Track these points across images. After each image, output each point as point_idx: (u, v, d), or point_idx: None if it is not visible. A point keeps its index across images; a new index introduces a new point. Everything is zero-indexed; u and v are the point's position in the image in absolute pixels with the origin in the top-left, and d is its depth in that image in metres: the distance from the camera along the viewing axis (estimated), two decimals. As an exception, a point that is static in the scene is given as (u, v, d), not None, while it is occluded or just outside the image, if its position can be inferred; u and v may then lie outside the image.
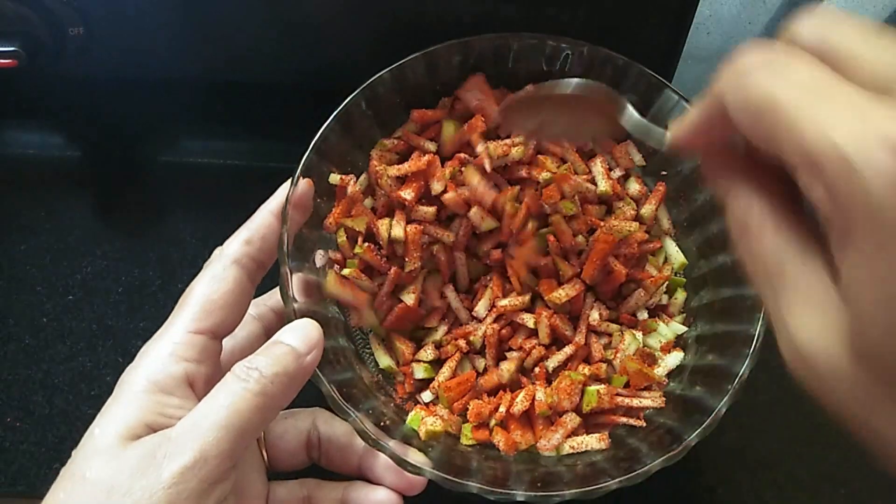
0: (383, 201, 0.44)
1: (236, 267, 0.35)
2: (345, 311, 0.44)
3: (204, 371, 0.33)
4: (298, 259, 0.39)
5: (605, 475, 0.35)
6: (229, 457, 0.29)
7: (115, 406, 0.31)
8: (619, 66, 0.44)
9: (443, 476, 0.34)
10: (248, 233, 0.37)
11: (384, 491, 0.38)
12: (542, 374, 0.42)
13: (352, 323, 0.44)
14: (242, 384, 0.31)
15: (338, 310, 0.43)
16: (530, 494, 0.34)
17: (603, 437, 0.40)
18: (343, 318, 0.44)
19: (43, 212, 0.53)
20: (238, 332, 0.37)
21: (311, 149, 0.40)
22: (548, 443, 0.40)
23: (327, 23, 0.50)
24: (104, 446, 0.29)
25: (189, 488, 0.28)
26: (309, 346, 0.33)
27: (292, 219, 0.38)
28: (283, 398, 0.32)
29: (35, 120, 0.58)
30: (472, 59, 0.45)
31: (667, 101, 0.43)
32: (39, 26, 0.46)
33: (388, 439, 0.35)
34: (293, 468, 0.40)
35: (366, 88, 0.42)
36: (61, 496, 0.29)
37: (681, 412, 0.39)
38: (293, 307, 0.36)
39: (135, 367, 0.33)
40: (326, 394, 0.35)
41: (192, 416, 0.30)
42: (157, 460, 0.28)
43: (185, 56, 0.53)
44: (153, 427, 0.30)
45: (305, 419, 0.39)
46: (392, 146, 0.45)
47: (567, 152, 0.46)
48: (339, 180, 0.42)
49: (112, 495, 0.28)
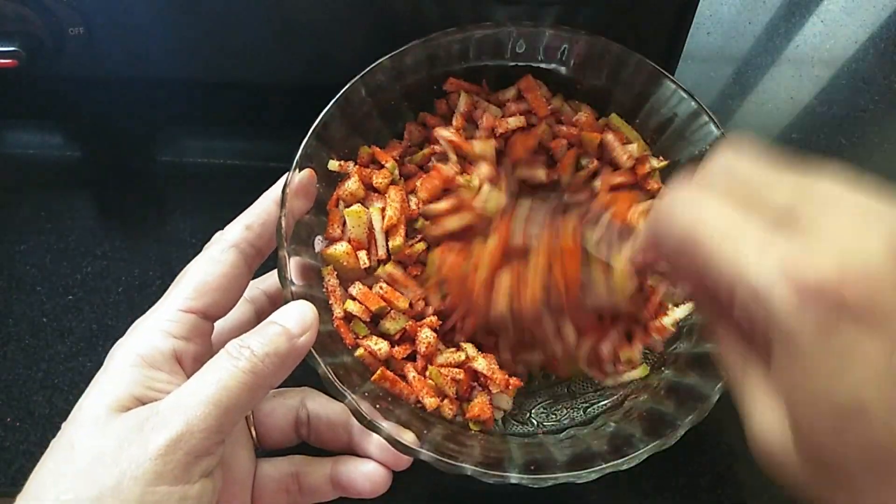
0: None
1: (234, 251, 0.36)
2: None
3: (192, 349, 0.34)
4: (297, 243, 0.39)
5: (598, 459, 0.35)
6: (216, 431, 0.29)
7: (104, 379, 0.32)
8: (617, 55, 0.44)
9: (437, 458, 0.34)
10: (248, 218, 0.37)
11: (373, 464, 0.38)
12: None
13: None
14: (233, 362, 0.31)
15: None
16: (524, 477, 0.34)
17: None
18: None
19: (43, 212, 0.53)
20: (229, 313, 0.37)
21: (310, 134, 0.40)
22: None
23: (328, 22, 0.50)
24: (93, 417, 0.30)
25: (175, 460, 0.28)
26: (303, 328, 0.33)
27: (294, 205, 0.38)
28: (274, 378, 0.32)
29: (35, 120, 0.58)
30: (472, 47, 0.45)
31: (666, 91, 0.43)
32: (39, 26, 0.46)
33: (382, 420, 0.35)
34: (282, 446, 0.40)
35: (366, 75, 0.43)
36: (50, 465, 0.29)
37: (674, 399, 0.39)
38: (290, 290, 0.36)
39: (124, 341, 0.33)
40: (322, 375, 0.35)
41: (181, 391, 0.30)
42: (144, 432, 0.29)
43: (186, 56, 0.53)
44: (142, 400, 0.31)
45: (294, 397, 0.40)
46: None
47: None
48: (339, 166, 0.43)
49: (99, 464, 0.28)
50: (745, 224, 0.23)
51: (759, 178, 0.24)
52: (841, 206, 0.22)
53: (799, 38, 0.61)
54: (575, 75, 0.47)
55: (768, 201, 0.23)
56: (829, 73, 0.60)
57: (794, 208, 0.22)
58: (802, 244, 0.21)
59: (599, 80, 0.46)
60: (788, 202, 0.22)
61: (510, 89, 0.47)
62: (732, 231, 0.22)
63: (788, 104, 0.58)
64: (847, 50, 0.61)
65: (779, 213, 0.22)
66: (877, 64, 0.60)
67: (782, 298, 0.20)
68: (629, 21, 0.49)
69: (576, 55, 0.45)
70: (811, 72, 0.60)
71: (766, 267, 0.21)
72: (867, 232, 0.20)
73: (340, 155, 0.43)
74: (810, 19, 0.62)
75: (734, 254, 0.22)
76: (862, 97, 0.58)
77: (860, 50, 0.61)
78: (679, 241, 0.24)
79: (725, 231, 0.23)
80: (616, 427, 0.40)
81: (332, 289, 0.41)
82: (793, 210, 0.22)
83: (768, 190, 0.23)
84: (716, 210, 0.23)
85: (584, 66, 0.46)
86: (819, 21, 0.62)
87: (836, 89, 0.59)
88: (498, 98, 0.47)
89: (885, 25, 0.62)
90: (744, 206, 0.23)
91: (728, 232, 0.23)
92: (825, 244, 0.21)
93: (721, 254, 0.22)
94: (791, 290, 0.20)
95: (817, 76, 0.59)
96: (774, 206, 0.23)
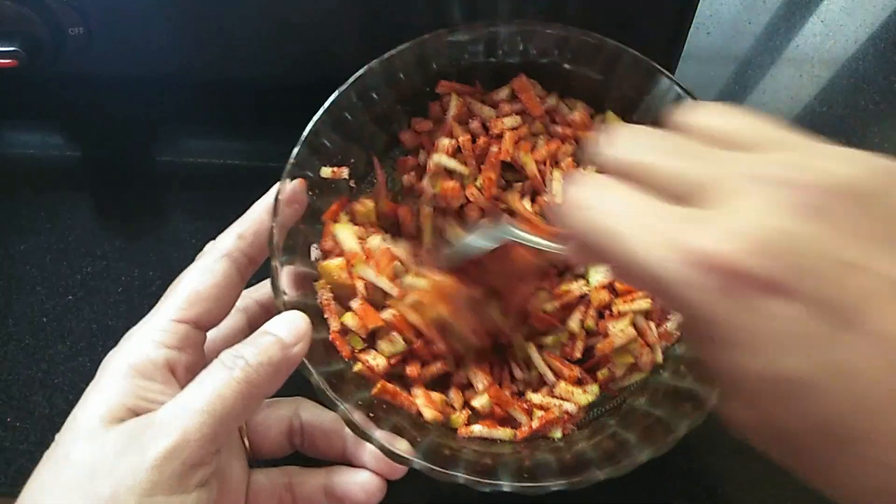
0: None
1: (227, 260, 0.36)
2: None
3: (185, 359, 0.34)
4: (290, 252, 0.39)
5: (593, 466, 0.35)
6: (211, 441, 0.30)
7: (97, 390, 0.32)
8: (612, 51, 0.43)
9: (430, 466, 0.34)
10: (240, 227, 0.37)
11: (367, 473, 0.38)
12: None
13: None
14: (228, 371, 0.31)
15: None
16: (517, 485, 0.34)
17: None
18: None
19: (43, 212, 0.53)
20: (222, 323, 0.37)
21: (301, 143, 0.40)
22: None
23: (329, 21, 0.50)
24: (88, 428, 0.30)
25: (171, 470, 0.28)
26: (296, 337, 0.33)
27: (285, 214, 0.38)
28: (268, 387, 0.32)
29: (35, 120, 0.58)
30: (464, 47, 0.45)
31: (662, 87, 0.43)
32: (39, 26, 0.46)
33: (375, 430, 0.35)
34: (274, 455, 0.40)
35: (356, 81, 0.42)
36: (45, 476, 0.29)
37: (670, 403, 0.39)
38: (282, 299, 0.36)
39: (117, 351, 0.33)
40: (315, 385, 0.35)
41: (176, 401, 0.30)
42: (140, 442, 0.29)
43: (186, 56, 0.53)
44: (135, 411, 0.31)
45: (287, 407, 0.40)
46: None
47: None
48: (331, 173, 0.42)
49: (95, 476, 0.28)
50: (645, 205, 0.22)
51: (647, 156, 0.23)
52: (743, 175, 0.21)
53: (799, 38, 0.61)
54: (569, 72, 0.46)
55: (661, 180, 0.22)
56: (829, 73, 0.60)
57: (690, 183, 0.21)
58: (700, 218, 0.20)
59: (594, 76, 0.46)
60: (681, 179, 0.22)
61: (504, 89, 0.47)
62: (634, 218, 0.22)
63: (788, 104, 0.58)
64: (847, 50, 0.61)
65: (672, 189, 0.22)
66: (877, 64, 0.60)
67: (692, 286, 0.19)
68: (629, 21, 0.49)
69: (569, 52, 0.45)
70: (811, 72, 0.60)
71: (669, 253, 0.20)
72: (765, 202, 0.19)
73: (333, 161, 0.43)
74: (810, 19, 0.62)
75: (639, 243, 0.21)
76: (862, 97, 0.58)
77: (860, 50, 0.61)
78: (593, 241, 0.23)
79: (627, 219, 0.22)
80: (612, 432, 0.40)
81: (327, 302, 0.41)
82: (688, 185, 0.21)
83: (658, 170, 0.23)
84: (615, 199, 0.23)
85: (578, 62, 0.45)
86: (819, 21, 0.62)
87: (836, 89, 0.59)
88: (492, 98, 0.47)
89: (885, 25, 0.62)
90: (641, 188, 0.22)
91: (630, 219, 0.22)
92: (724, 215, 0.20)
93: (615, 247, 0.21)
94: (696, 275, 0.19)
95: (817, 76, 0.59)
96: (668, 184, 0.22)
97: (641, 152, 0.23)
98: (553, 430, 0.41)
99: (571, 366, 0.42)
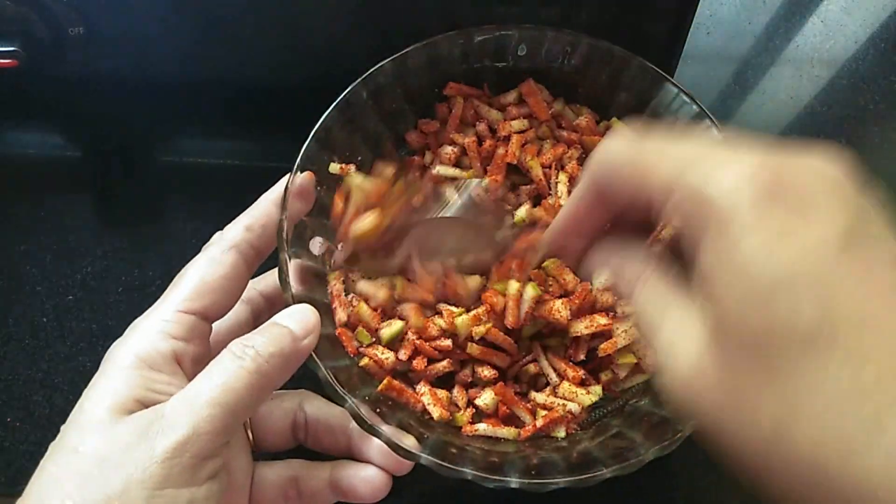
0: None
1: (234, 252, 0.35)
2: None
3: (192, 350, 0.33)
4: (298, 246, 0.39)
5: (599, 464, 0.35)
6: (222, 433, 0.29)
7: (104, 381, 0.31)
8: (620, 59, 0.44)
9: (437, 462, 0.34)
10: (248, 219, 0.37)
11: (373, 468, 0.38)
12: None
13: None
14: (238, 362, 0.31)
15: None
16: (524, 482, 0.34)
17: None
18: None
19: (43, 212, 0.53)
20: (226, 314, 0.37)
21: (311, 137, 0.40)
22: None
23: (329, 21, 0.50)
24: (95, 420, 0.29)
25: (181, 463, 0.28)
26: (306, 330, 0.33)
27: (294, 208, 0.38)
28: (278, 378, 0.32)
29: (35, 120, 0.58)
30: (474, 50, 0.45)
31: (667, 95, 0.43)
32: (39, 26, 0.46)
33: (383, 424, 0.35)
34: (278, 449, 0.40)
35: (367, 78, 0.43)
36: (52, 469, 0.29)
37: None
38: (291, 293, 0.36)
39: (122, 342, 0.33)
40: (323, 379, 0.35)
41: (185, 393, 0.30)
42: (149, 435, 0.29)
43: (185, 56, 0.53)
44: (143, 402, 0.30)
45: (291, 400, 0.40)
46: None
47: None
48: (340, 169, 0.42)
49: (104, 468, 0.28)
50: (687, 146, 0.24)
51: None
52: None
53: (799, 38, 0.61)
54: (576, 78, 0.47)
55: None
56: (829, 73, 0.60)
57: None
58: (740, 152, 0.22)
59: (601, 83, 0.46)
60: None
61: (511, 93, 0.47)
62: (673, 149, 0.24)
63: (788, 104, 0.58)
64: (847, 50, 0.61)
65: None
66: (877, 64, 0.60)
67: (719, 181, 0.21)
68: (629, 21, 0.49)
69: (578, 58, 0.45)
70: (811, 72, 0.60)
71: (703, 166, 0.22)
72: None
73: (342, 157, 0.43)
74: (810, 19, 0.62)
75: (673, 161, 0.23)
76: (862, 97, 0.58)
77: (860, 50, 0.61)
78: (620, 165, 0.25)
79: (664, 148, 0.24)
80: (617, 431, 0.40)
81: (338, 293, 0.41)
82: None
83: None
84: (657, 139, 0.25)
85: (585, 69, 0.46)
86: (819, 21, 0.62)
87: (836, 89, 0.59)
88: (500, 102, 0.47)
89: (885, 25, 0.62)
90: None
91: (668, 148, 0.24)
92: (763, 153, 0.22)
93: (660, 163, 0.24)
94: (728, 174, 0.21)
95: (817, 76, 0.59)
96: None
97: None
98: (557, 429, 0.41)
99: (575, 367, 0.42)
